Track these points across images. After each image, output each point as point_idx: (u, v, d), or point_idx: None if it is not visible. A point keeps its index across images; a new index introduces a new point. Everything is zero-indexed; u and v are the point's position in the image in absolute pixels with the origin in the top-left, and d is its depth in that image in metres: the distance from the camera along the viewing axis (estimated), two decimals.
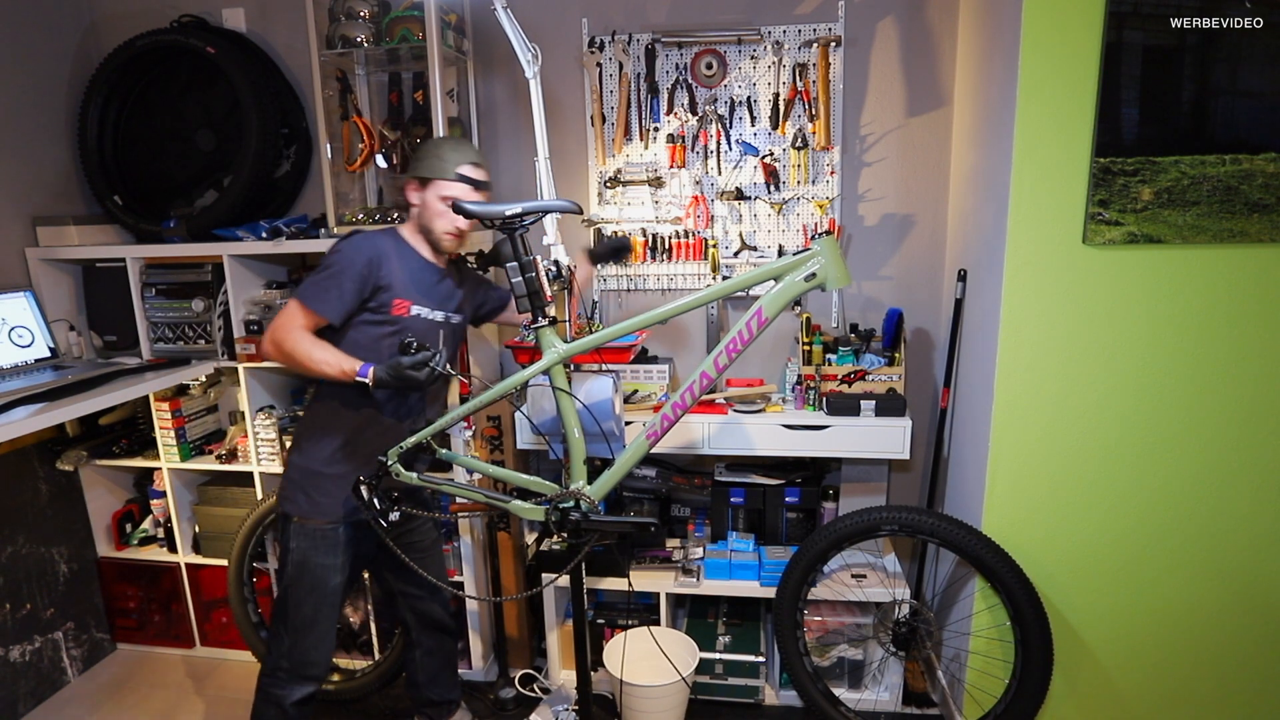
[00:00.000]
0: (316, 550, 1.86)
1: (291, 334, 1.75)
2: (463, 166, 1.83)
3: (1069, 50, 1.78)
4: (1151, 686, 2.09)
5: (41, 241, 2.55)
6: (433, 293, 1.90)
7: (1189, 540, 1.99)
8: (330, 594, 1.89)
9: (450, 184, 1.83)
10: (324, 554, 1.87)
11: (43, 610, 2.57)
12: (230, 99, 2.51)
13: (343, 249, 1.78)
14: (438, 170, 1.82)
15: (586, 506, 1.88)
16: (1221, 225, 1.81)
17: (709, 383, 1.81)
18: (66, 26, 2.67)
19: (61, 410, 2.11)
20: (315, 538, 1.86)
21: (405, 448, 1.98)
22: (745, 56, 2.40)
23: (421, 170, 1.83)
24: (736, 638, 2.47)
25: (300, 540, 1.86)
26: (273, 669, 1.90)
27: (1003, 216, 1.91)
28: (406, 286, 1.84)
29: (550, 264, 2.06)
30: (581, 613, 2.05)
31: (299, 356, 1.73)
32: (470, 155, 1.86)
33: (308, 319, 1.77)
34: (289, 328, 1.75)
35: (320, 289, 1.76)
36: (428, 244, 1.90)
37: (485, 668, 2.61)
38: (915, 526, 2.05)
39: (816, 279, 1.72)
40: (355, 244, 1.79)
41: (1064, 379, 1.95)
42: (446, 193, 1.83)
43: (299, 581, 1.87)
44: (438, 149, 1.84)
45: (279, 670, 1.89)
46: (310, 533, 1.85)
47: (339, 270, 1.76)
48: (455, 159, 1.83)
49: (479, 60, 2.54)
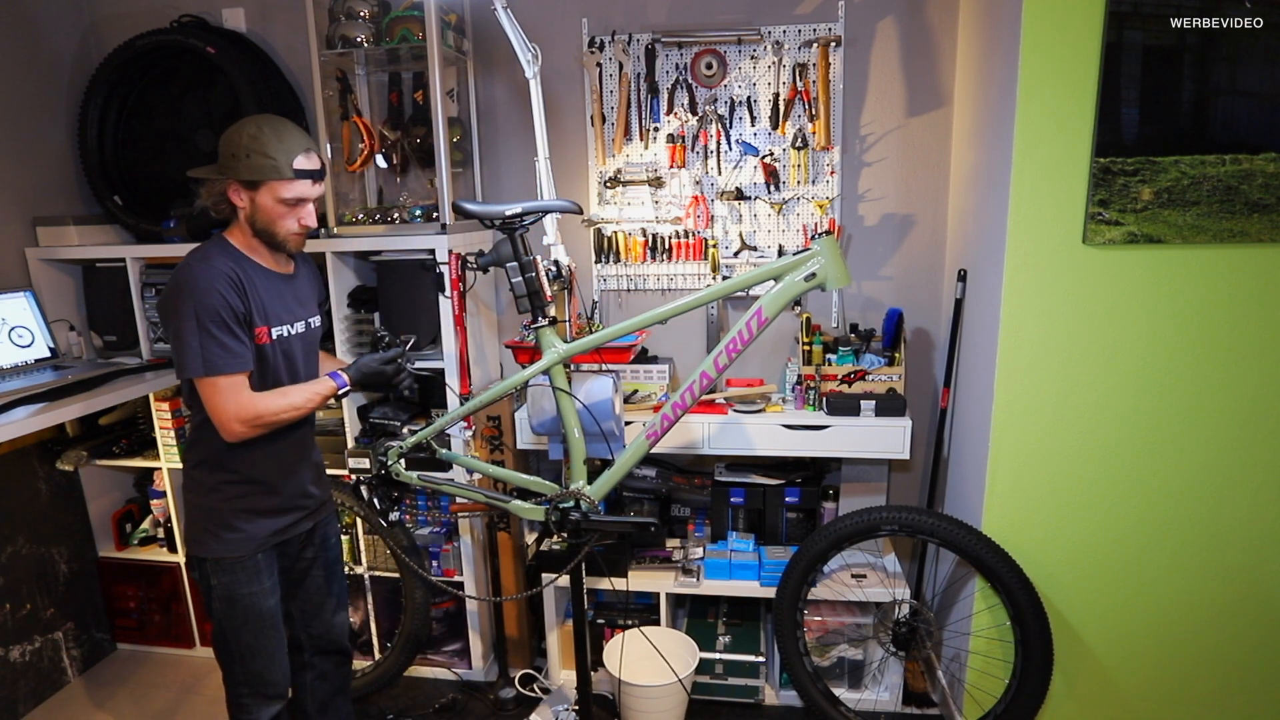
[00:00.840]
0: (238, 582, 1.72)
1: (254, 403, 1.61)
2: (299, 158, 1.60)
3: (1069, 50, 1.78)
4: (1151, 686, 2.09)
5: (41, 241, 2.55)
6: (286, 304, 1.73)
7: (1189, 540, 1.99)
8: (267, 616, 1.77)
9: (289, 184, 1.61)
10: (247, 583, 1.73)
11: (43, 610, 2.57)
12: (230, 99, 2.51)
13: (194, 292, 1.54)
14: (269, 170, 1.58)
15: (586, 506, 1.88)
16: (1221, 225, 1.81)
17: (709, 383, 1.81)
18: (66, 26, 2.67)
19: (61, 410, 2.11)
20: (234, 570, 1.72)
21: (406, 448, 1.98)
22: (745, 56, 2.40)
23: (246, 172, 1.58)
24: (736, 638, 2.47)
25: (220, 575, 1.71)
26: (235, 697, 1.81)
27: (1003, 216, 1.91)
28: (261, 309, 1.65)
29: (550, 264, 2.06)
30: (581, 613, 2.06)
31: (284, 415, 1.64)
32: (301, 142, 1.62)
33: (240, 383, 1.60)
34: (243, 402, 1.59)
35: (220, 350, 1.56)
36: (266, 249, 1.69)
37: (485, 668, 2.61)
38: (915, 526, 2.05)
39: (816, 279, 1.72)
40: (200, 281, 1.55)
41: (1064, 379, 1.95)
42: (286, 195, 1.61)
43: (230, 615, 1.74)
44: (260, 143, 1.57)
45: (241, 697, 1.80)
46: (230, 566, 1.71)
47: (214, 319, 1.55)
48: (286, 152, 1.59)
49: (479, 60, 2.54)
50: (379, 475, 1.99)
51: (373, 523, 2.43)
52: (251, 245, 1.68)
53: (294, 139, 1.61)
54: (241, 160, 1.58)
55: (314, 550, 1.92)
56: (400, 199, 2.53)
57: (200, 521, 1.72)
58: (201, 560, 1.72)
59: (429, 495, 2.61)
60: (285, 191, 1.61)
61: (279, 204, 1.62)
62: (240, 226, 1.67)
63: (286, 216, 1.64)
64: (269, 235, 1.66)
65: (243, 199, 1.62)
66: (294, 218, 1.65)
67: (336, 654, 2.03)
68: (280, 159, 1.59)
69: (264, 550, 1.75)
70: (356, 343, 2.44)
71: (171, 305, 1.57)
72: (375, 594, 2.60)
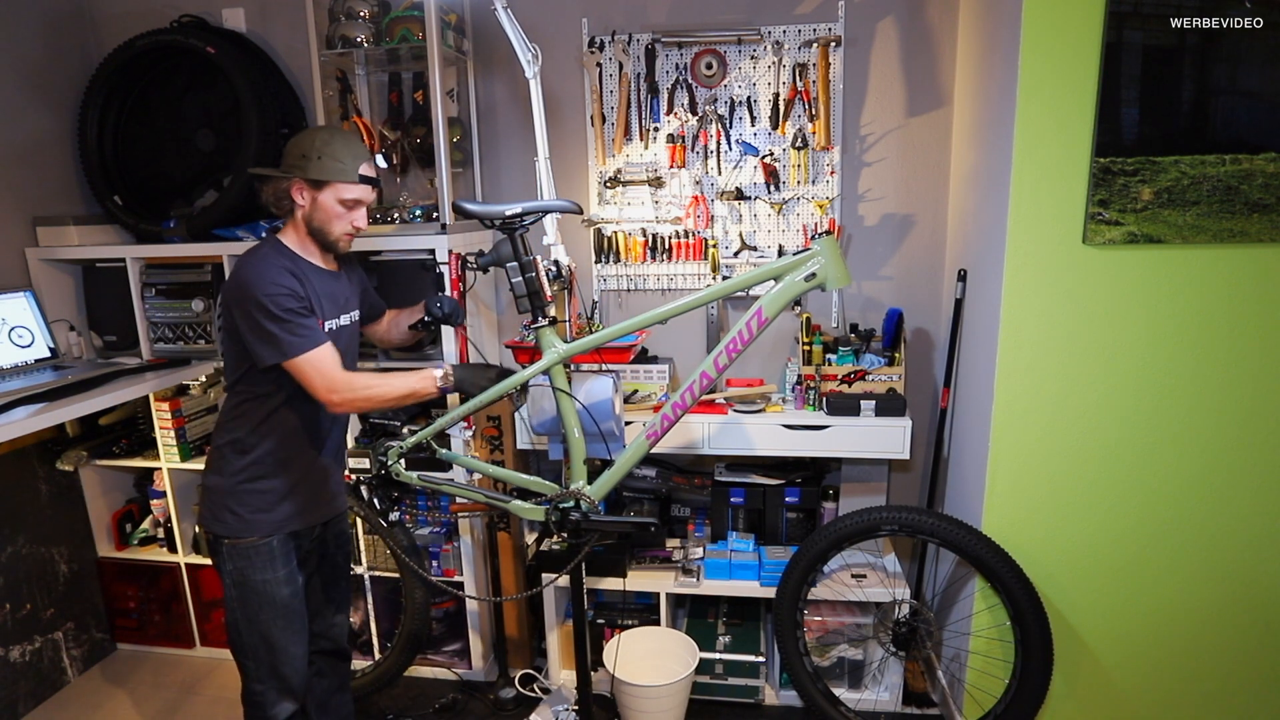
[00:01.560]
0: (253, 567, 1.76)
1: (351, 380, 1.69)
2: (363, 165, 1.74)
3: (1069, 50, 1.78)
4: (1151, 686, 2.09)
5: (41, 241, 2.55)
6: (336, 300, 1.82)
7: (1189, 540, 1.99)
8: (282, 608, 1.79)
9: (353, 186, 1.73)
10: (262, 569, 1.76)
11: (43, 610, 2.57)
12: (230, 99, 2.51)
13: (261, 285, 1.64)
14: (337, 172, 1.70)
15: (586, 506, 1.88)
16: (1221, 225, 1.81)
17: (709, 383, 1.81)
18: (66, 26, 2.67)
19: (61, 410, 2.11)
20: (249, 555, 1.75)
21: (406, 448, 1.98)
22: (745, 56, 2.40)
23: (315, 172, 1.69)
24: (736, 638, 2.47)
25: (235, 560, 1.76)
26: (250, 693, 1.82)
27: (1003, 216, 1.91)
28: (318, 302, 1.74)
29: (550, 264, 2.06)
30: (581, 613, 2.06)
31: (386, 395, 1.73)
32: (366, 152, 1.77)
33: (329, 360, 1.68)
34: (338, 377, 1.67)
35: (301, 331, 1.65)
36: (317, 247, 1.78)
37: (485, 668, 2.61)
38: (915, 526, 2.05)
39: (816, 279, 1.72)
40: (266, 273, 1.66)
41: (1064, 379, 1.95)
42: (349, 195, 1.72)
43: (245, 602, 1.77)
44: (331, 148, 1.70)
45: (255, 693, 1.82)
46: (244, 550, 1.75)
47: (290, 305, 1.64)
48: (355, 157, 1.72)
49: (479, 60, 2.54)
50: (379, 475, 1.99)
51: (373, 523, 2.43)
52: (305, 243, 1.77)
53: (360, 147, 1.76)
54: (313, 161, 1.69)
55: (323, 549, 1.95)
56: (400, 199, 2.53)
57: (219, 499, 1.76)
58: (218, 540, 1.77)
59: (429, 495, 2.61)
60: (348, 193, 1.72)
61: (339, 204, 1.72)
62: (295, 225, 1.76)
63: (342, 218, 1.74)
64: (323, 234, 1.75)
65: (304, 197, 1.72)
66: (349, 220, 1.75)
67: (334, 654, 2.03)
68: (348, 163, 1.71)
69: (279, 536, 1.78)
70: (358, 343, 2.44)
71: (241, 302, 1.65)
72: (375, 594, 2.60)
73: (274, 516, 1.77)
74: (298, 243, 1.77)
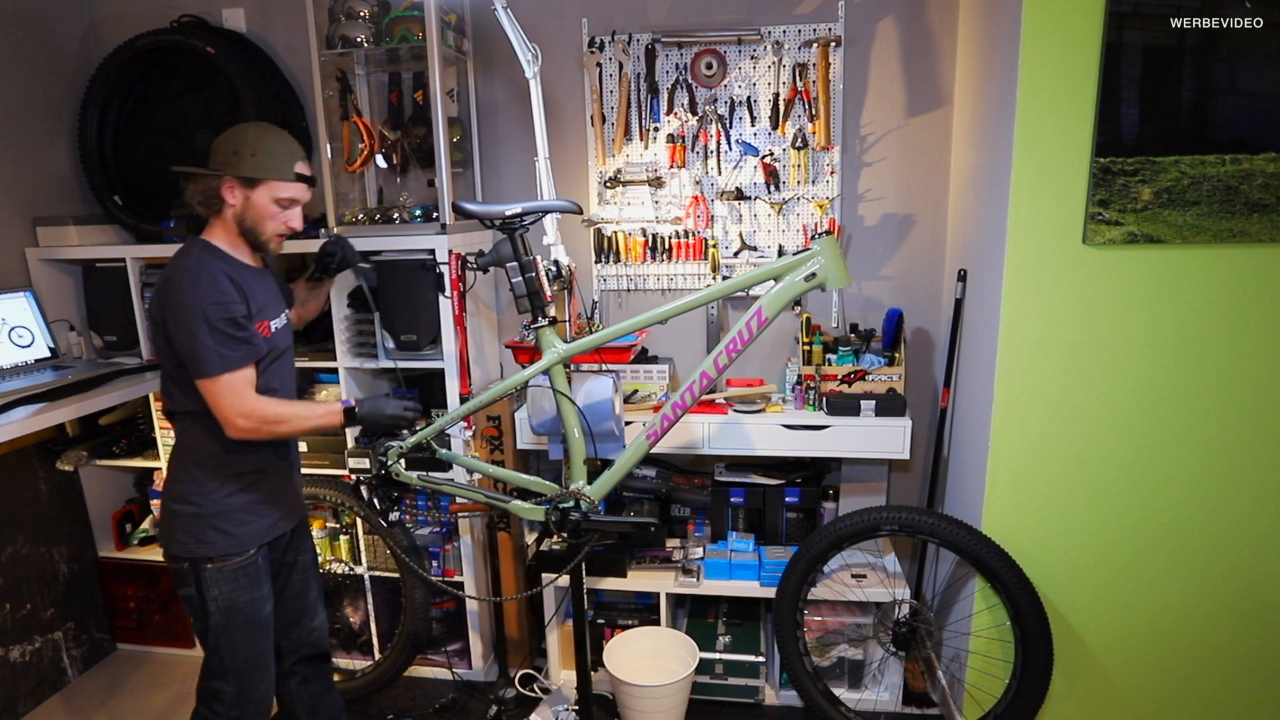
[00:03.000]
0: (242, 588, 1.70)
1: (261, 405, 1.62)
2: (299, 164, 1.67)
3: (1069, 50, 1.78)
4: (1151, 686, 2.09)
5: (41, 241, 2.55)
6: (273, 297, 1.76)
7: (1189, 540, 1.99)
8: (265, 624, 1.75)
9: (289, 184, 1.66)
10: (250, 588, 1.71)
11: (43, 610, 2.57)
12: (230, 99, 2.51)
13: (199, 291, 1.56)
14: (272, 170, 1.63)
15: (586, 506, 1.88)
16: (1221, 225, 1.81)
17: (709, 383, 1.82)
18: (66, 26, 2.67)
19: (61, 410, 2.11)
20: (238, 576, 1.69)
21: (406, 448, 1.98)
22: (745, 56, 2.40)
23: (249, 169, 1.62)
24: (736, 638, 2.47)
25: (221, 585, 1.68)
26: None
27: (1003, 216, 1.91)
28: (258, 304, 1.68)
29: (550, 264, 2.06)
30: (581, 613, 2.06)
31: (293, 424, 1.67)
32: (300, 149, 1.70)
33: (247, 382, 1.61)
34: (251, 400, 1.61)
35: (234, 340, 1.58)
36: (247, 247, 1.71)
37: (485, 668, 2.61)
38: (915, 526, 2.05)
39: (816, 279, 1.72)
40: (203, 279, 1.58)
41: (1064, 379, 1.95)
42: (284, 194, 1.66)
43: (231, 627, 1.70)
44: (265, 145, 1.63)
45: None
46: (231, 573, 1.68)
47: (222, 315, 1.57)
48: (290, 155, 1.66)
49: (479, 60, 2.54)
50: (379, 475, 1.99)
51: (373, 523, 2.43)
52: (235, 243, 1.69)
53: (295, 145, 1.69)
54: (245, 158, 1.61)
55: (294, 554, 1.90)
56: (400, 199, 2.53)
57: (200, 523, 1.67)
58: (200, 567, 1.67)
59: (429, 495, 2.61)
60: (284, 191, 1.66)
61: (273, 204, 1.66)
62: (224, 225, 1.68)
63: (276, 217, 1.68)
64: (255, 234, 1.68)
65: (236, 196, 1.64)
66: (283, 219, 1.69)
67: (317, 659, 2.00)
68: (284, 161, 1.65)
69: (262, 550, 1.75)
70: (357, 343, 2.44)
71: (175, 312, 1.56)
72: (375, 594, 2.60)
73: (260, 525, 1.73)
74: (228, 243, 1.69)
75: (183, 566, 1.69)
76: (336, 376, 2.43)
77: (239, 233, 1.68)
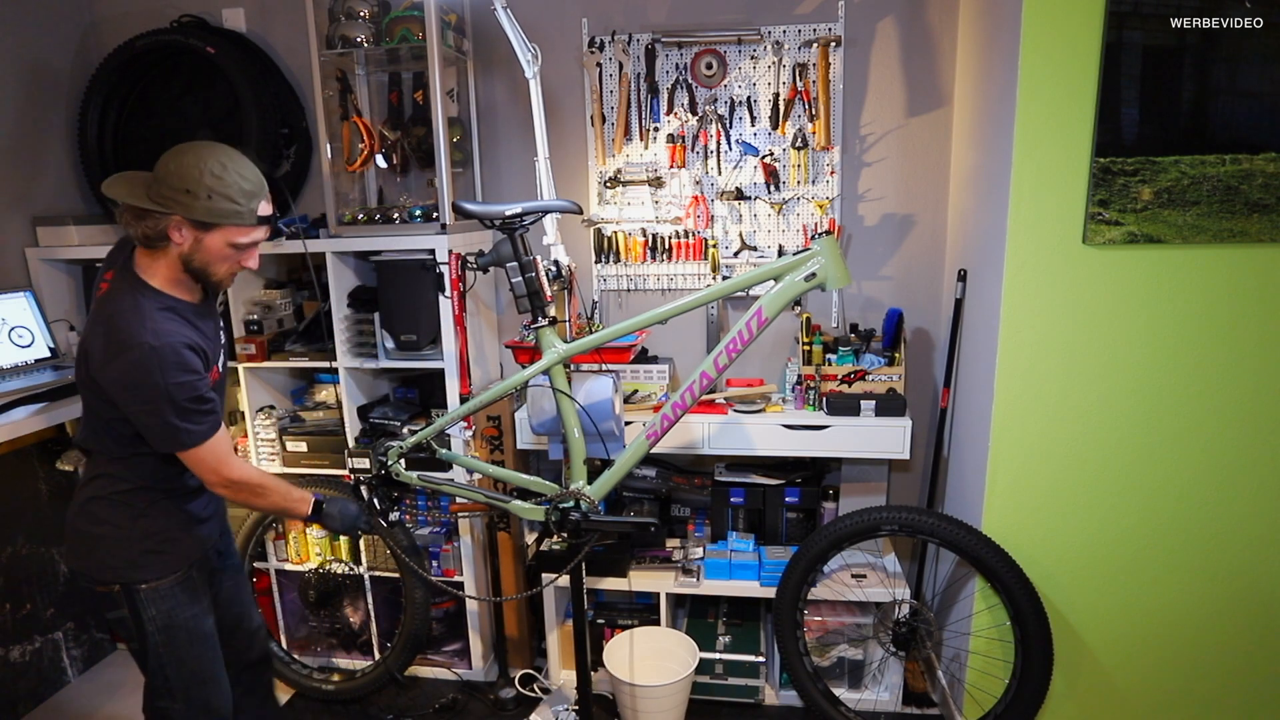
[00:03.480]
0: (179, 605, 1.62)
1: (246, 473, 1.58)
2: (262, 205, 1.51)
3: (1069, 50, 1.78)
4: (1151, 686, 2.09)
5: (41, 241, 2.55)
6: (215, 335, 1.63)
7: (1189, 540, 1.99)
8: (209, 637, 1.68)
9: (250, 230, 1.50)
10: (187, 604, 1.63)
11: (43, 610, 2.57)
12: (230, 99, 2.51)
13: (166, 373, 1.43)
14: (230, 215, 1.46)
15: (586, 506, 1.88)
16: (1221, 225, 1.81)
17: (709, 383, 1.82)
18: (66, 26, 2.67)
19: (61, 410, 2.11)
20: (175, 593, 1.61)
21: (405, 448, 1.98)
22: (745, 56, 2.40)
23: (203, 213, 1.44)
24: (736, 638, 2.47)
25: (159, 604, 1.59)
26: None
27: (1003, 216, 1.91)
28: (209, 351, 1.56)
29: (550, 264, 2.07)
30: (581, 613, 2.06)
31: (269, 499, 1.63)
32: (262, 184, 1.52)
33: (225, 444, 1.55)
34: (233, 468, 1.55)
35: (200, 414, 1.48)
36: (192, 283, 1.55)
37: (485, 668, 2.61)
38: (915, 526, 2.05)
39: (816, 279, 1.72)
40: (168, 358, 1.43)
41: (1064, 379, 1.95)
42: (242, 240, 1.50)
43: (173, 644, 1.61)
44: (224, 185, 1.44)
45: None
46: (168, 591, 1.60)
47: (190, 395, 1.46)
48: (251, 196, 1.49)
49: (479, 60, 2.54)
50: (379, 475, 1.99)
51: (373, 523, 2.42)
52: (176, 280, 1.53)
53: (256, 180, 1.51)
54: (200, 200, 1.43)
55: (219, 560, 1.82)
56: (400, 199, 2.53)
57: (129, 547, 1.58)
58: (133, 589, 1.58)
59: (429, 495, 2.61)
60: (242, 238, 1.50)
61: (228, 247, 1.50)
62: (167, 262, 1.50)
63: (230, 259, 1.53)
64: (205, 275, 1.53)
65: (184, 236, 1.46)
66: (236, 260, 1.54)
67: (260, 663, 1.95)
68: (244, 204, 1.48)
69: (197, 563, 1.68)
70: (357, 343, 2.44)
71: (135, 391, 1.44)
72: (375, 594, 2.60)
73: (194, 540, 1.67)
74: (170, 278, 1.52)
75: (112, 589, 1.58)
76: (336, 376, 2.43)
77: (181, 271, 1.51)
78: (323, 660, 2.68)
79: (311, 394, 2.65)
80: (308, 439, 2.50)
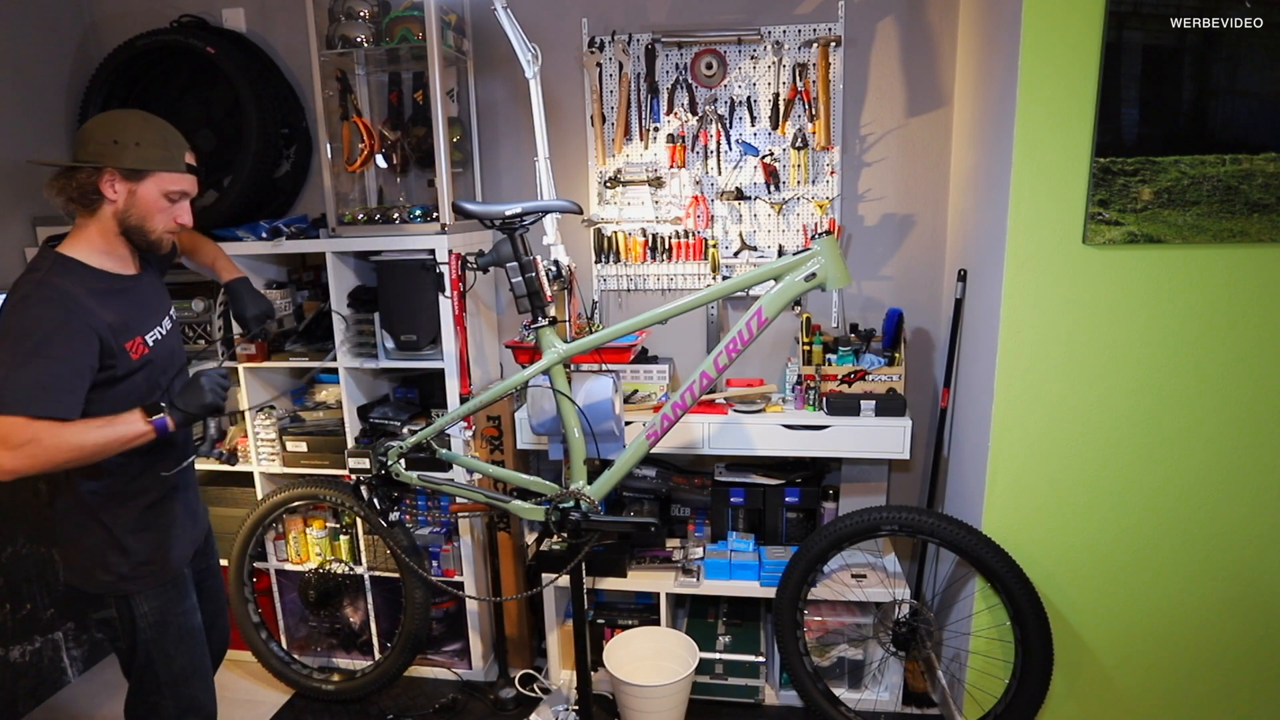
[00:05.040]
0: (171, 602, 1.63)
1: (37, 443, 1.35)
2: (187, 153, 1.54)
3: (1069, 50, 1.78)
4: (1151, 686, 2.09)
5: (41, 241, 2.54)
6: (149, 305, 1.59)
7: (1189, 540, 1.99)
8: (197, 632, 1.69)
9: (179, 176, 1.52)
10: (178, 600, 1.64)
11: (43, 610, 2.57)
12: (230, 99, 2.51)
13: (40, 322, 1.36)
14: (160, 161, 1.48)
15: (586, 506, 1.88)
16: (1221, 225, 1.81)
17: (709, 383, 1.82)
18: (66, 26, 2.67)
19: None
20: (167, 591, 1.62)
21: (405, 448, 1.98)
22: (745, 56, 2.40)
23: (132, 160, 1.45)
24: (736, 638, 2.47)
25: (151, 602, 1.60)
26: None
27: (1003, 216, 1.91)
28: (127, 321, 1.50)
29: (550, 264, 2.07)
30: (581, 613, 2.06)
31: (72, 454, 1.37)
32: (183, 138, 1.55)
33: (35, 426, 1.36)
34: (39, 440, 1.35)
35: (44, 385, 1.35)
36: (125, 247, 1.55)
37: (485, 668, 2.61)
38: (915, 526, 2.05)
39: (816, 279, 1.72)
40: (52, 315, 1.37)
41: (1064, 379, 1.95)
42: (174, 187, 1.51)
43: (162, 641, 1.62)
44: (148, 134, 1.47)
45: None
46: (160, 590, 1.62)
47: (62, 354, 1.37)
48: (178, 144, 1.52)
49: (479, 60, 2.54)
50: (379, 475, 1.99)
51: (373, 523, 2.43)
52: (110, 248, 1.52)
53: (177, 133, 1.54)
54: (129, 147, 1.45)
55: (202, 560, 1.82)
56: (400, 199, 2.53)
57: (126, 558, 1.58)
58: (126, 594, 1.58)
59: (429, 495, 2.61)
60: (174, 184, 1.52)
61: (162, 198, 1.51)
62: (100, 226, 1.50)
63: (166, 211, 1.53)
64: (142, 233, 1.52)
65: (118, 190, 1.47)
66: (172, 214, 1.54)
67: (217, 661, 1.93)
68: (173, 150, 1.51)
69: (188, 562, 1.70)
70: (357, 343, 2.44)
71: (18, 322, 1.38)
72: (375, 594, 2.60)
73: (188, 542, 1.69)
74: (100, 250, 1.51)
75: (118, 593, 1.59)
76: (336, 376, 2.43)
77: (119, 232, 1.51)
78: (323, 660, 2.68)
79: (311, 394, 2.65)
80: (308, 439, 2.50)
